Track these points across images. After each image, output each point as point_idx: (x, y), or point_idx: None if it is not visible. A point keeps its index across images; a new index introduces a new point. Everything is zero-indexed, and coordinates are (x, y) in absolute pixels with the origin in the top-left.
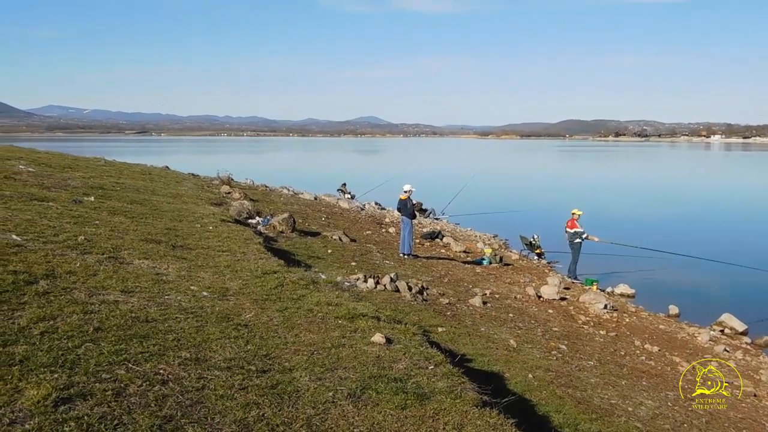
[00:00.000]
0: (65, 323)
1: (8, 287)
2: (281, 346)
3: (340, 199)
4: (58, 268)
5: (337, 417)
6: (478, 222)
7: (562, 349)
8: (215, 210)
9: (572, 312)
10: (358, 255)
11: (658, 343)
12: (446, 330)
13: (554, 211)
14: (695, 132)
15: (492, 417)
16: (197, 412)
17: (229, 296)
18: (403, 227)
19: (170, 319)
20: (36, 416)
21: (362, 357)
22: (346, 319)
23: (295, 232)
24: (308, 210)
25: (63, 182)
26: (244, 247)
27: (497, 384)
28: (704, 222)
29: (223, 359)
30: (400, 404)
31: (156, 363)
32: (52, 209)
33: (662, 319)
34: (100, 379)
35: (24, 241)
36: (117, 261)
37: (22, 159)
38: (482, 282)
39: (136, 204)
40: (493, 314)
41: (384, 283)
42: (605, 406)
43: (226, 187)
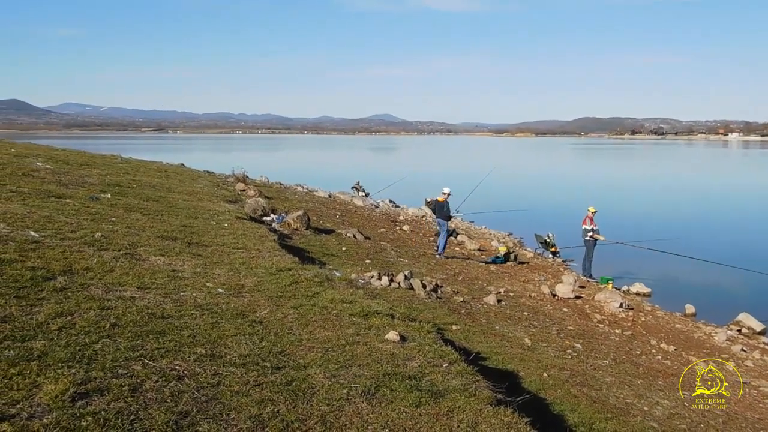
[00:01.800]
0: (82, 319)
1: (26, 283)
2: (296, 343)
3: (354, 197)
4: (76, 265)
5: (351, 414)
6: (492, 220)
7: (577, 347)
8: (230, 207)
9: (587, 311)
10: (373, 253)
11: (674, 342)
12: (460, 328)
13: (569, 210)
14: (712, 130)
15: (506, 415)
16: (212, 408)
17: (244, 293)
18: (441, 229)
19: (186, 315)
20: (54, 411)
21: (376, 354)
22: (361, 317)
23: (309, 229)
24: (322, 207)
25: (80, 179)
26: (259, 244)
27: (512, 382)
28: (719, 222)
29: (238, 356)
30: (414, 402)
31: (172, 359)
32: (70, 206)
33: (678, 319)
34: (116, 375)
35: (42, 237)
36: (133, 258)
37: (40, 156)
38: (497, 280)
39: (152, 201)
40: (508, 312)
41: (398, 280)
42: (621, 406)
43: (241, 184)
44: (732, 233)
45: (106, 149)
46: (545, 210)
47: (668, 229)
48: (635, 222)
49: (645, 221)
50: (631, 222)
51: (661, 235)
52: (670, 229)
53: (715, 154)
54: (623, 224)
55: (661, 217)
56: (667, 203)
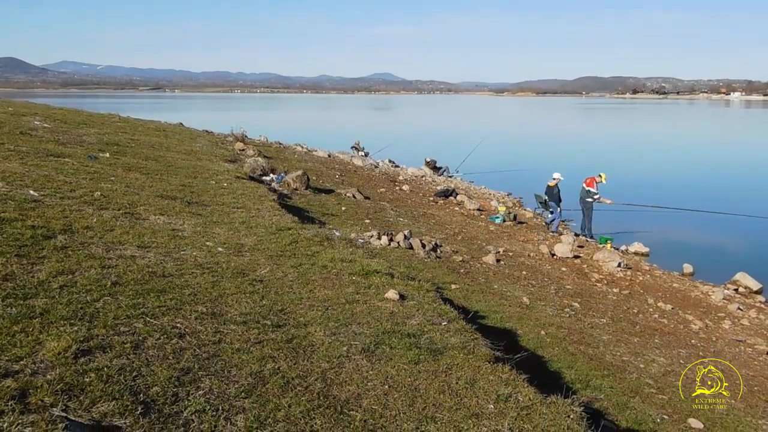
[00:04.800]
0: (83, 277)
1: (27, 242)
2: (296, 302)
3: (353, 157)
4: (76, 224)
5: (351, 371)
6: (492, 180)
7: (574, 306)
8: (229, 167)
9: (586, 270)
10: (372, 212)
11: (671, 301)
12: (459, 287)
13: (569, 170)
14: (715, 89)
15: (504, 372)
16: (214, 364)
17: (244, 252)
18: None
19: (186, 274)
20: (57, 367)
21: (376, 313)
22: (360, 276)
23: (309, 189)
24: (322, 167)
25: (78, 138)
26: (259, 203)
27: (510, 340)
28: (722, 179)
29: (239, 314)
30: (413, 359)
31: (173, 317)
32: (68, 165)
33: (676, 278)
34: (118, 332)
35: (41, 196)
36: (133, 217)
37: (38, 115)
38: (496, 240)
39: (151, 160)
40: (507, 272)
41: (398, 240)
42: (617, 363)
43: (240, 144)
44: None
45: (104, 108)
46: (545, 170)
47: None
48: (636, 181)
49: (646, 180)
50: (632, 181)
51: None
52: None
53: (715, 113)
54: (624, 183)
55: (663, 175)
56: (668, 161)
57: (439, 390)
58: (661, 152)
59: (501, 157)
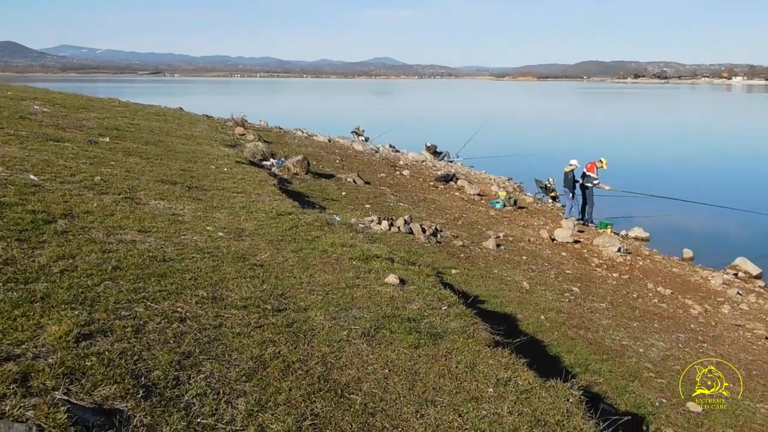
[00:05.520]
0: (84, 262)
1: (27, 226)
2: (296, 286)
3: (354, 142)
4: (76, 208)
5: (351, 355)
6: (492, 165)
7: (574, 291)
8: (230, 152)
9: (586, 255)
10: (372, 197)
11: (671, 286)
12: (459, 272)
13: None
14: (716, 73)
15: (504, 356)
16: (215, 348)
17: (245, 237)
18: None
19: (187, 258)
20: (58, 351)
21: (376, 297)
22: (361, 260)
23: (309, 174)
24: (322, 152)
25: (78, 123)
26: (259, 188)
27: (509, 325)
28: (722, 167)
29: (240, 298)
30: (413, 343)
31: (174, 301)
32: (68, 150)
33: (676, 263)
34: (119, 317)
35: (41, 181)
36: (133, 201)
37: (37, 99)
38: (496, 225)
39: (150, 145)
40: (507, 257)
41: (398, 225)
42: (616, 347)
43: (240, 128)
44: (735, 177)
45: (104, 92)
46: (545, 155)
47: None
48: (636, 167)
49: (646, 166)
50: (633, 167)
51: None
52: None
53: (717, 98)
54: (624, 169)
55: (663, 162)
56: (669, 148)
57: (439, 374)
58: (661, 138)
59: (501, 141)
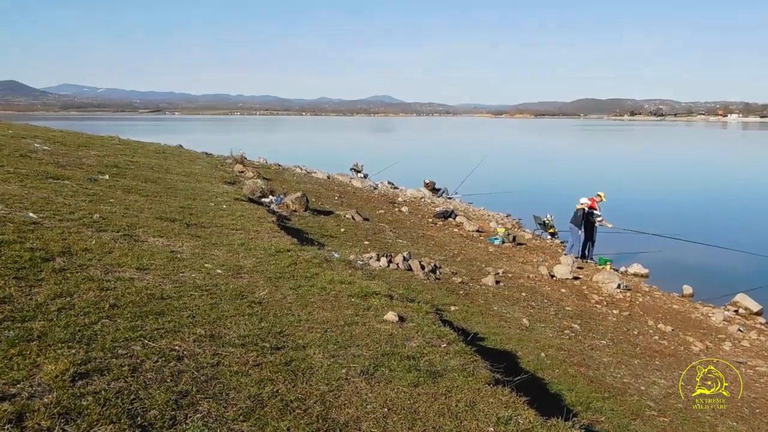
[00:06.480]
0: (82, 300)
1: (25, 264)
2: (295, 324)
3: (353, 178)
4: (74, 246)
5: (350, 393)
6: (491, 201)
7: (574, 328)
8: (229, 189)
9: (585, 291)
10: (371, 234)
11: (671, 322)
12: (459, 309)
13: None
14: (711, 111)
15: (504, 395)
16: (212, 387)
17: (243, 274)
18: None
19: (185, 296)
20: (54, 390)
21: (375, 335)
22: (359, 297)
23: (308, 210)
24: (321, 189)
25: (78, 161)
26: (258, 225)
27: (510, 362)
28: (720, 205)
29: (238, 336)
30: (412, 381)
31: (171, 339)
32: (68, 187)
33: (676, 299)
34: (116, 355)
35: (40, 218)
36: (132, 239)
37: (38, 137)
38: (495, 261)
39: (150, 182)
40: (506, 293)
41: (397, 261)
42: (618, 385)
43: (239, 166)
44: (730, 215)
45: (104, 130)
46: (543, 192)
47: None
48: (635, 205)
49: (644, 203)
50: (631, 204)
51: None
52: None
53: (713, 135)
54: (623, 207)
55: (661, 200)
56: (665, 185)
57: (439, 413)
58: (657, 174)
59: (500, 178)
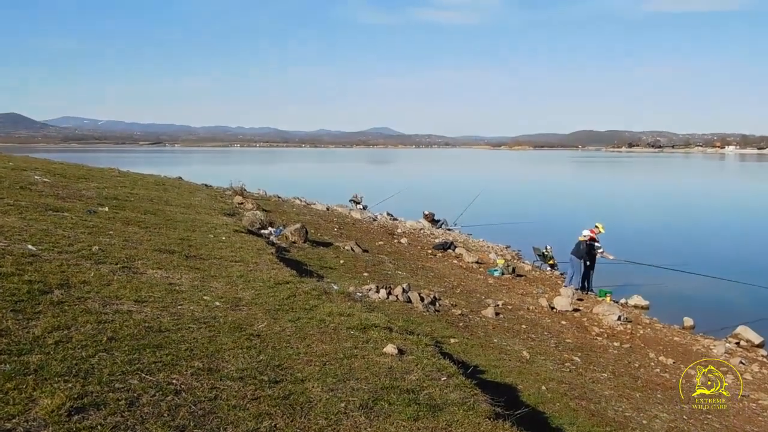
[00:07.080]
0: (79, 333)
1: (23, 297)
2: (293, 357)
3: (352, 210)
4: (73, 278)
5: (349, 428)
6: (490, 232)
7: (575, 360)
8: (228, 220)
9: (586, 323)
10: (371, 265)
11: (672, 355)
12: (459, 341)
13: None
14: (709, 143)
15: (505, 429)
16: (210, 422)
17: (242, 306)
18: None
19: (183, 329)
20: (50, 426)
21: (374, 368)
22: (359, 330)
23: (307, 242)
24: (320, 220)
25: (77, 193)
26: (257, 257)
27: (510, 396)
28: (720, 236)
29: (236, 369)
30: (412, 415)
31: (169, 373)
32: (67, 219)
33: (677, 331)
34: (113, 389)
35: (39, 251)
36: (131, 271)
37: (38, 170)
38: (495, 293)
39: (149, 214)
40: (506, 325)
41: (396, 293)
42: (619, 419)
43: (238, 197)
44: (730, 246)
45: (104, 162)
46: (543, 223)
47: (668, 244)
48: (635, 236)
49: (644, 236)
50: (631, 236)
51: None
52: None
53: (711, 167)
54: (623, 238)
55: (660, 232)
56: (665, 217)
57: None
58: (659, 206)
59: (499, 209)
